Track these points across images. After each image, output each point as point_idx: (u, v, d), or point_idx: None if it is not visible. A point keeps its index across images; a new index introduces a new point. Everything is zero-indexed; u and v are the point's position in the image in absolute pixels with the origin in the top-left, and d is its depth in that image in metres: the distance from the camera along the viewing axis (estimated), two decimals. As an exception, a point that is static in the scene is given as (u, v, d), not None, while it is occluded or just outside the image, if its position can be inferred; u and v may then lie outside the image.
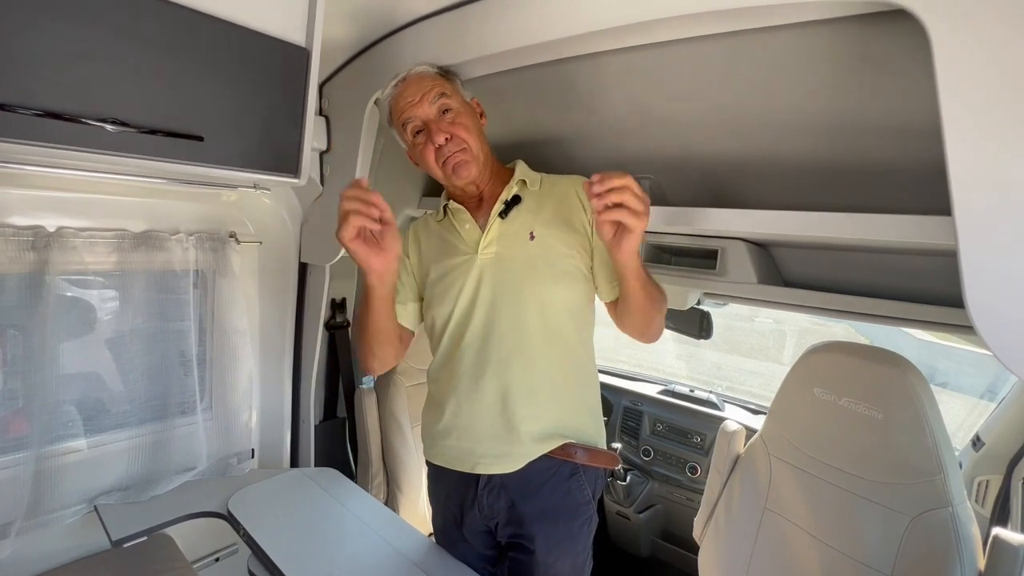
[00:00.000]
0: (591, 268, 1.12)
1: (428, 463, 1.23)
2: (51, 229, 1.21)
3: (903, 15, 0.67)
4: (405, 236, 1.23)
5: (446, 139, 1.05)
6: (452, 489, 1.17)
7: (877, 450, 1.18)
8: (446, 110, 1.07)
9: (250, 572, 1.23)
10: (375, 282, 1.00)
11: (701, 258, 1.37)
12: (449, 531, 1.21)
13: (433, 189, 1.79)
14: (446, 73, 1.14)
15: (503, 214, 1.11)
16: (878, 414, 1.18)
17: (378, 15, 1.24)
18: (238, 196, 1.50)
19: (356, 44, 1.36)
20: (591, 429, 1.15)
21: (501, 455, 1.09)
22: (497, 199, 1.13)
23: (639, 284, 0.98)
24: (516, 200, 1.12)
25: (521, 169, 1.16)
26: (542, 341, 1.08)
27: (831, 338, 1.36)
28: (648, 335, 1.13)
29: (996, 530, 1.08)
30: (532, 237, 1.09)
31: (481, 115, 1.16)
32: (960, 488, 1.11)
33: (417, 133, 1.08)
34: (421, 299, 1.21)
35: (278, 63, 1.07)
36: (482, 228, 1.12)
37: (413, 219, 1.77)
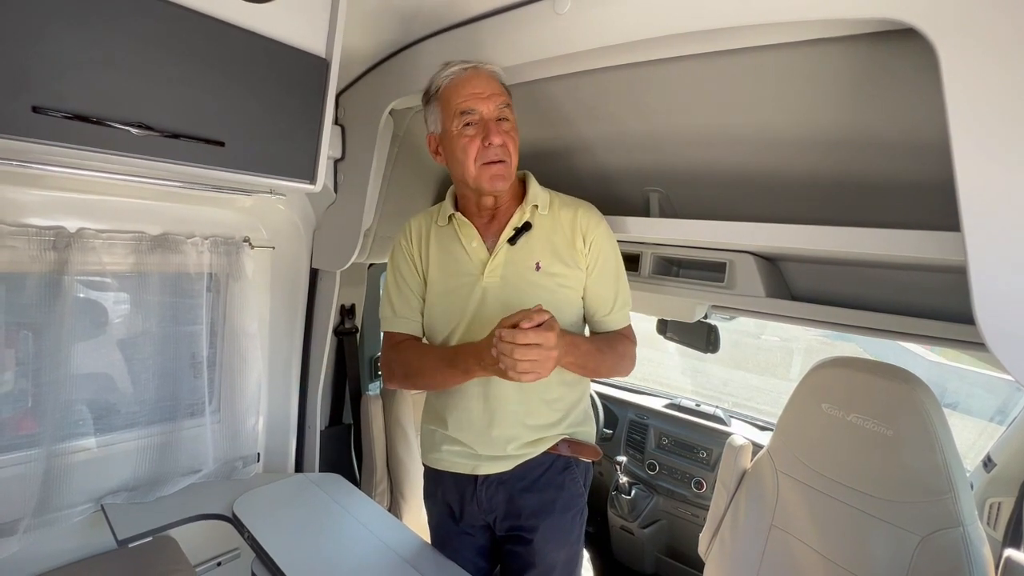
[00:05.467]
0: (583, 296, 1.16)
1: (425, 466, 1.26)
2: (72, 230, 1.24)
3: (911, 34, 0.69)
4: (404, 234, 1.22)
5: (501, 143, 1.04)
6: (449, 486, 1.20)
7: (886, 467, 1.17)
8: (504, 119, 1.07)
9: (253, 574, 1.23)
10: (484, 375, 1.02)
11: (709, 271, 1.37)
12: (446, 526, 1.23)
13: (443, 198, 1.80)
14: (508, 88, 1.13)
15: (512, 240, 1.11)
16: (887, 431, 1.17)
17: (395, 29, 1.27)
18: (253, 202, 1.53)
19: (372, 56, 1.39)
20: (580, 429, 1.20)
21: (500, 458, 1.14)
22: (507, 218, 1.13)
23: (573, 366, 1.06)
24: (527, 227, 1.12)
25: (533, 191, 1.15)
26: None
27: (838, 355, 1.35)
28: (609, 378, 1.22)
29: (1008, 552, 1.06)
30: (538, 268, 1.10)
31: None
32: (971, 508, 1.09)
33: (467, 125, 1.05)
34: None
35: (298, 73, 1.10)
36: (490, 249, 1.12)
37: None
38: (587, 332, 1.22)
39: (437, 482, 1.23)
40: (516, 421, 1.12)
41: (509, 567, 1.20)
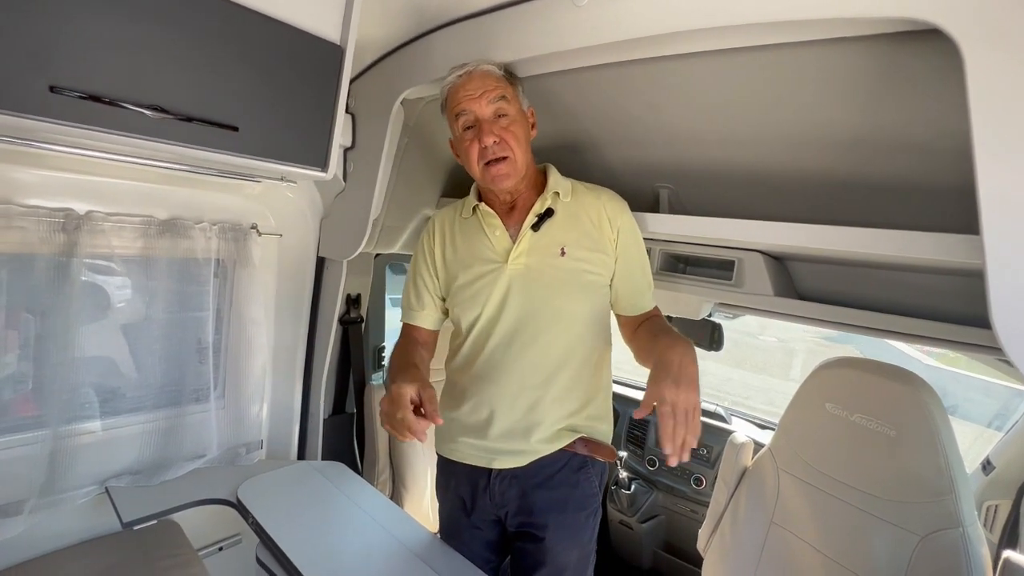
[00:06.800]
0: (611, 282, 1.15)
1: (440, 456, 1.26)
2: (81, 212, 1.24)
3: (934, 35, 0.69)
4: (428, 230, 1.25)
5: (494, 141, 1.06)
6: (463, 477, 1.20)
7: (888, 467, 1.18)
8: (502, 115, 1.08)
9: (258, 560, 1.24)
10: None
11: (717, 268, 1.37)
12: (457, 518, 1.23)
13: (452, 190, 1.81)
14: (511, 76, 1.14)
15: (535, 227, 1.12)
16: (890, 431, 1.18)
17: (409, 17, 1.26)
18: (262, 189, 1.53)
19: (385, 45, 1.38)
20: (601, 427, 1.19)
21: (516, 452, 1.13)
22: (529, 208, 1.14)
23: None
24: (549, 213, 1.12)
25: (554, 179, 1.16)
26: (563, 350, 1.12)
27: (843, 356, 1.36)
28: None
29: (1007, 553, 1.07)
30: (563, 253, 1.11)
31: (532, 126, 1.16)
32: (971, 509, 1.10)
33: (467, 128, 1.09)
34: (443, 297, 1.22)
35: (313, 59, 1.10)
36: (513, 237, 1.14)
37: (429, 218, 1.79)
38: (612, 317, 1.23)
39: (450, 473, 1.23)
40: (539, 406, 1.11)
41: (520, 564, 1.20)
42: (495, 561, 1.26)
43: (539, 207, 1.13)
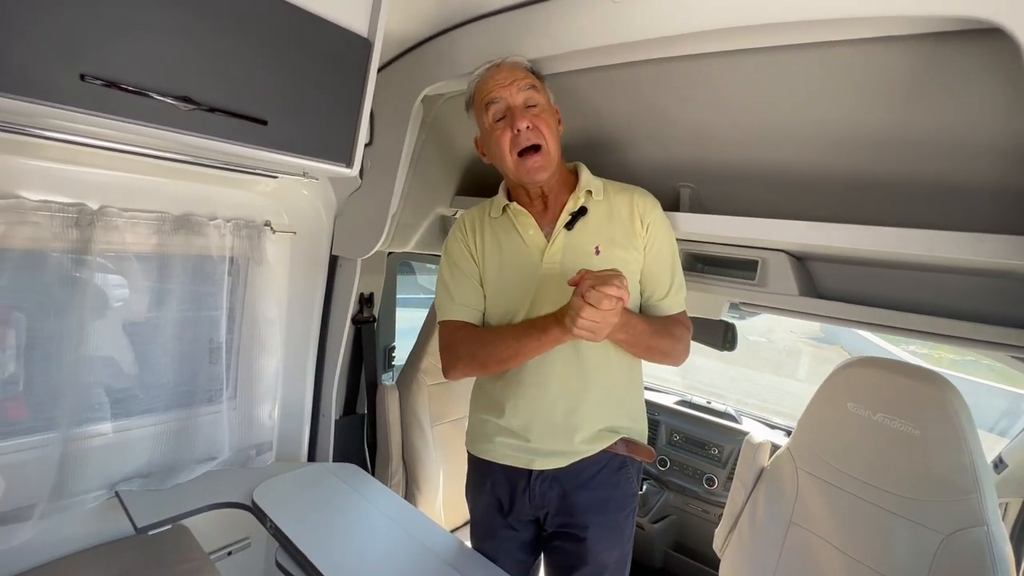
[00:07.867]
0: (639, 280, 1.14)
1: (473, 456, 1.24)
2: (94, 208, 1.20)
3: (980, 34, 0.69)
4: (459, 228, 1.22)
5: (527, 126, 1.05)
6: (500, 478, 1.18)
7: (912, 466, 1.18)
8: (532, 104, 1.08)
9: (278, 564, 1.21)
10: (566, 338, 0.97)
11: (737, 268, 1.37)
12: (492, 518, 1.21)
13: (466, 189, 1.79)
14: (536, 72, 1.14)
15: (569, 225, 1.11)
16: (915, 430, 1.18)
17: (434, 12, 1.24)
18: (276, 185, 1.49)
19: (407, 40, 1.36)
20: (636, 427, 1.19)
21: (557, 453, 1.12)
22: (561, 206, 1.13)
23: (625, 343, 1.06)
24: (582, 211, 1.11)
25: (585, 177, 1.15)
26: (600, 349, 1.10)
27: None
28: (664, 364, 1.17)
29: None
30: (597, 252, 1.09)
31: (559, 122, 1.16)
32: (995, 507, 1.11)
33: (498, 119, 1.08)
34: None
35: (341, 52, 1.07)
36: (547, 236, 1.12)
37: (443, 216, 1.77)
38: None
39: (486, 474, 1.21)
40: (579, 409, 1.10)
41: (559, 564, 1.19)
42: (528, 562, 1.25)
43: (572, 205, 1.12)
